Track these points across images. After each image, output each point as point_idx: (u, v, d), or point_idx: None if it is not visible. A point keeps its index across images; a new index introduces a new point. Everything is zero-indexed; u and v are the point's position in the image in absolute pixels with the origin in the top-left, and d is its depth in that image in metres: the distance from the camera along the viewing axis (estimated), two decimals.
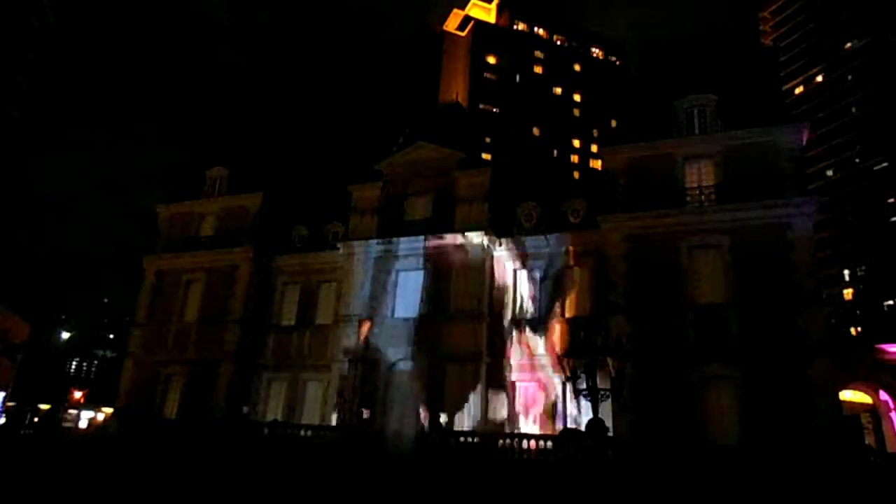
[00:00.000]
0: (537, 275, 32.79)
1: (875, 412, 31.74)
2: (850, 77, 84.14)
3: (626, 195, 30.05)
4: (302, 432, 30.09)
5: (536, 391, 30.98)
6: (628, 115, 34.63)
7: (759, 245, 26.91)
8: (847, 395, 31.27)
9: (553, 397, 30.32)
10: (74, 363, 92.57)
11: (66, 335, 62.28)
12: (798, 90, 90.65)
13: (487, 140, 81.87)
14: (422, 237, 34.55)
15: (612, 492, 17.59)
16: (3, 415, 47.77)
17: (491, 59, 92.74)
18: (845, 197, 79.02)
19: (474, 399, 30.76)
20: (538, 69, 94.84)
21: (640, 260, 28.89)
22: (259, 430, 31.00)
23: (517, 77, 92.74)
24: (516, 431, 29.57)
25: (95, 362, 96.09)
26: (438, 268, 33.86)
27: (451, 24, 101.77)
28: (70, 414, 67.68)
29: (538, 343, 31.53)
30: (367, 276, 35.32)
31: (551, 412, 30.08)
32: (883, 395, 31.19)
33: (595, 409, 19.72)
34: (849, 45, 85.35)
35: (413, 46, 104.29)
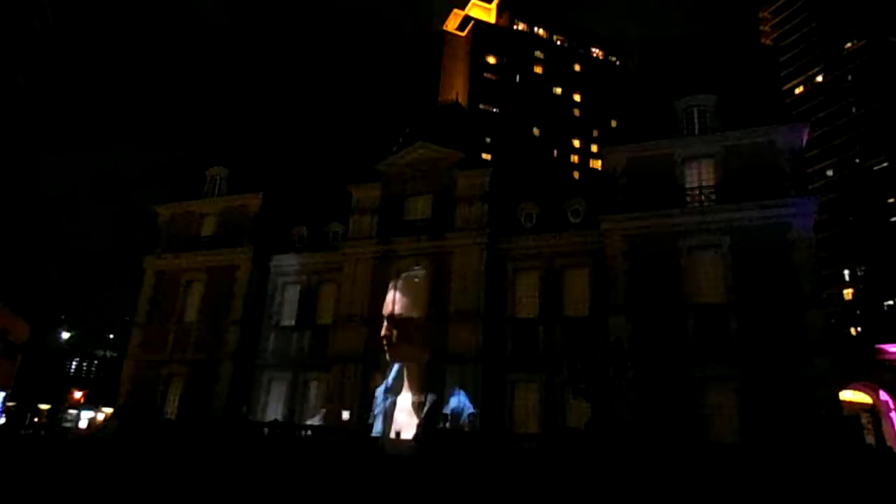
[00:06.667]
0: (537, 275, 32.75)
1: (875, 412, 31.75)
2: (850, 77, 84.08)
3: (626, 195, 30.05)
4: (302, 433, 30.11)
5: (536, 391, 30.94)
6: (628, 115, 34.62)
7: (759, 245, 26.91)
8: (847, 395, 31.28)
9: (553, 397, 30.27)
10: (74, 363, 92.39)
11: (66, 335, 62.24)
12: (798, 90, 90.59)
13: (487, 140, 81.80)
14: (422, 237, 34.58)
15: (613, 491, 17.58)
16: (3, 415, 47.76)
17: (491, 59, 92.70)
18: (845, 197, 78.98)
19: (474, 398, 30.74)
20: (538, 69, 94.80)
21: (640, 260, 28.90)
22: (259, 431, 31.00)
23: (517, 77, 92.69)
24: (515, 431, 29.59)
25: (95, 362, 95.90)
26: (438, 268, 33.87)
27: (451, 24, 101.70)
28: (70, 414, 67.72)
29: (538, 343, 31.49)
30: (367, 276, 35.35)
31: (551, 412, 30.05)
32: (883, 395, 31.22)
33: (595, 409, 19.76)
34: (849, 45, 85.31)
35: (413, 47, 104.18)
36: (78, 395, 70.78)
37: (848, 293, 76.08)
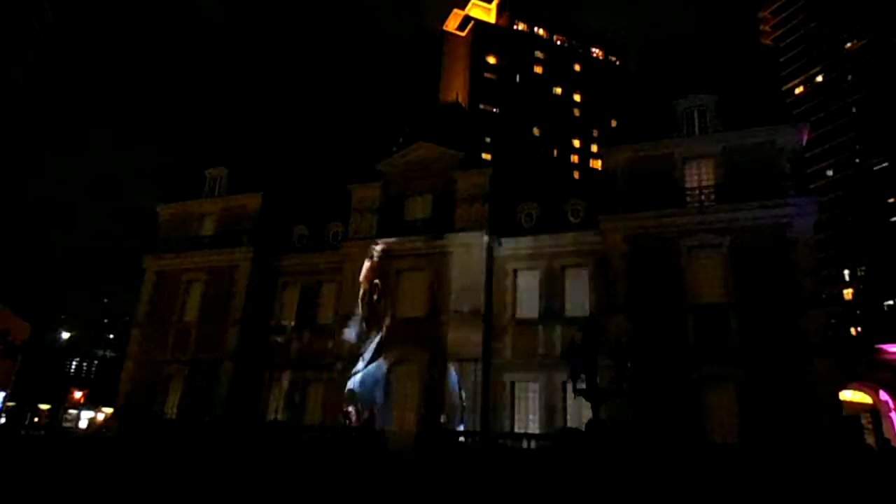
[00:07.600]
0: (537, 275, 32.75)
1: (875, 412, 31.78)
2: (850, 77, 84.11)
3: (626, 195, 30.06)
4: (303, 433, 30.11)
5: (536, 391, 30.94)
6: (628, 115, 34.64)
7: (759, 245, 26.92)
8: (847, 395, 31.32)
9: (553, 397, 30.28)
10: (74, 363, 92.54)
11: (66, 335, 62.29)
12: (798, 90, 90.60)
13: (487, 140, 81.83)
14: (422, 237, 34.58)
15: (613, 491, 17.58)
16: (3, 415, 47.75)
17: (491, 59, 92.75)
18: (845, 197, 79.00)
19: (474, 399, 30.73)
20: (538, 69, 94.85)
21: (640, 260, 28.91)
22: (259, 430, 31.00)
23: (517, 77, 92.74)
24: (516, 431, 29.58)
25: (95, 362, 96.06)
26: (438, 268, 33.87)
27: (451, 24, 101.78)
28: (70, 414, 67.82)
29: (538, 343, 31.48)
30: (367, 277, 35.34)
31: (551, 412, 30.05)
32: (883, 395, 31.25)
33: (595, 409, 19.75)
34: (849, 45, 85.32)
35: (413, 46, 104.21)
36: (78, 395, 70.87)
37: (848, 293, 76.07)
